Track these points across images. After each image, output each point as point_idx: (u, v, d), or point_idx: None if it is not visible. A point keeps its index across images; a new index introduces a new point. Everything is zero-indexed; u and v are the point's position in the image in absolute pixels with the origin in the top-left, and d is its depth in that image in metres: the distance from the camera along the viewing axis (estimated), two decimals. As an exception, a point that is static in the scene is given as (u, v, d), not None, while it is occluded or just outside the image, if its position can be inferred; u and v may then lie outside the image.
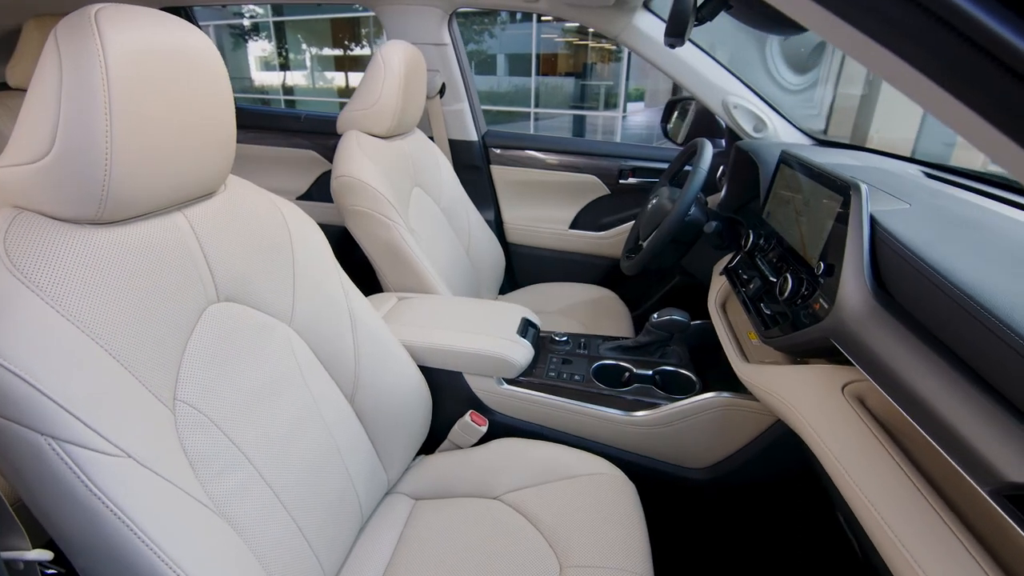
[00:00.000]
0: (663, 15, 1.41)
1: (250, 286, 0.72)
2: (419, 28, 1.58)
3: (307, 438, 0.75)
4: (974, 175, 0.97)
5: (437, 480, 0.96)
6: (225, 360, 0.67)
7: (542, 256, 1.87)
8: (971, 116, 0.27)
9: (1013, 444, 0.42)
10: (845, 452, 0.60)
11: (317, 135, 1.87)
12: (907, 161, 1.12)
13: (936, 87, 0.28)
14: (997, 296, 0.49)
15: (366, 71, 1.26)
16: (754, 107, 1.38)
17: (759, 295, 0.91)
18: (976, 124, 0.27)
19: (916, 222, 0.67)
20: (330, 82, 14.87)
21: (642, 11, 1.39)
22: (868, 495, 0.55)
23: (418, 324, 1.08)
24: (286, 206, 0.82)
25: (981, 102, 0.27)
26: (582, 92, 12.11)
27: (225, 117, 0.66)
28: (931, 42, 0.27)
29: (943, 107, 0.28)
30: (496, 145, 1.80)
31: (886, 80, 0.30)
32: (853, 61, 0.32)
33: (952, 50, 0.27)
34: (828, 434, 0.63)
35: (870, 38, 0.29)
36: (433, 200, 1.48)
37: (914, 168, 1.06)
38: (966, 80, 0.27)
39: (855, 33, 0.29)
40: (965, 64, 0.27)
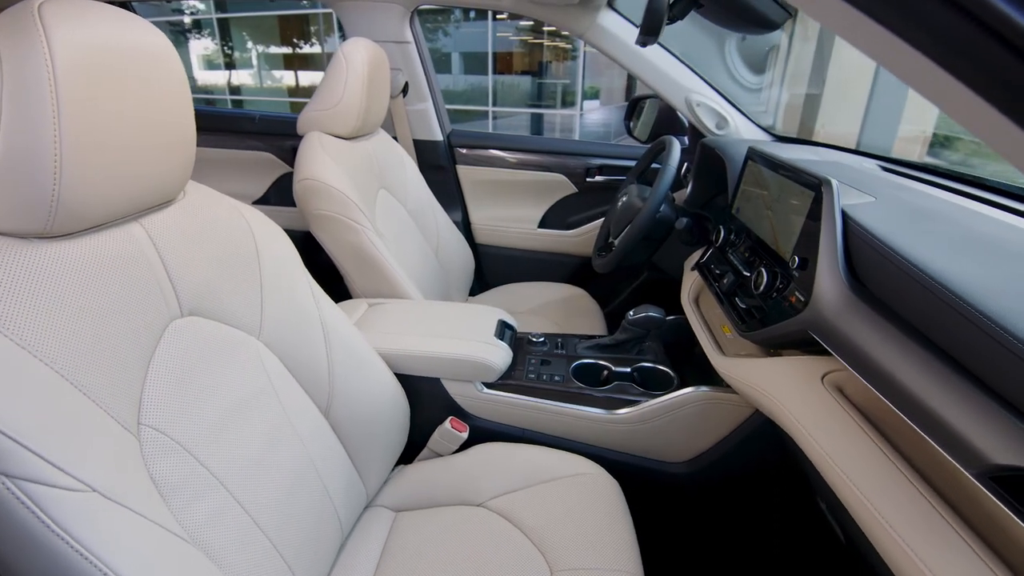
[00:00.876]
0: (627, 14, 1.42)
1: (215, 299, 0.68)
2: (380, 25, 1.54)
3: (282, 456, 0.72)
4: (926, 168, 1.02)
5: (418, 490, 0.93)
6: (192, 379, 0.63)
7: (511, 256, 1.86)
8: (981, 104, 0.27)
9: (995, 427, 0.44)
10: (829, 440, 0.61)
11: (273, 136, 1.79)
12: (863, 155, 1.17)
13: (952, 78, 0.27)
14: (970, 285, 0.51)
15: (327, 70, 1.21)
16: (716, 105, 1.40)
17: (733, 289, 0.92)
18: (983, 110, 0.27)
19: (884, 215, 0.69)
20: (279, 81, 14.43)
21: (606, 10, 1.40)
22: (854, 480, 0.56)
23: (392, 331, 1.05)
24: (250, 212, 0.78)
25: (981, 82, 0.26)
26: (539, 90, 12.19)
27: (184, 119, 0.62)
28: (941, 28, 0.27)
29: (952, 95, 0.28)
30: (462, 145, 1.78)
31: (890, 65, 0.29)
32: (799, 61, 0.32)
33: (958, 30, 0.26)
34: (811, 423, 0.65)
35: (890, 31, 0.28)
36: (399, 202, 1.44)
37: (870, 162, 1.10)
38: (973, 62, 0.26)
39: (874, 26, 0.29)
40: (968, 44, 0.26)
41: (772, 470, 0.95)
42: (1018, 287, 0.51)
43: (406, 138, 1.70)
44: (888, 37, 0.27)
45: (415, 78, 1.63)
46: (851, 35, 0.30)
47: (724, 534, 1.06)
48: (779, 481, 0.96)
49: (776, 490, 0.97)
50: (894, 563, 0.51)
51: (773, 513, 1.00)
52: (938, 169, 0.99)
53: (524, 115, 11.95)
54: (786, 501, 0.97)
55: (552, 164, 1.75)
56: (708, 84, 1.41)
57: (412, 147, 1.72)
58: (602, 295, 1.68)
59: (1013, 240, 0.63)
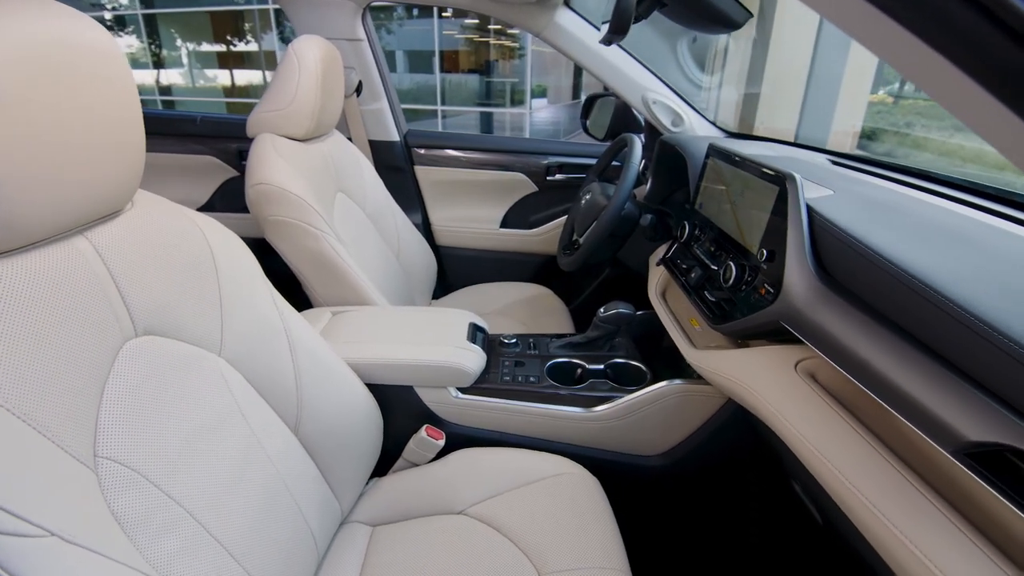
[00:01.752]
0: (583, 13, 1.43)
1: (172, 315, 0.63)
2: (331, 23, 1.48)
3: (252, 479, 0.68)
4: (873, 161, 1.08)
5: (395, 502, 0.90)
6: (151, 403, 0.58)
7: (473, 257, 1.84)
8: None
9: (967, 406, 0.46)
10: (806, 424, 0.64)
11: (216, 139, 1.70)
12: (813, 151, 1.22)
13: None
14: (933, 272, 0.53)
15: (278, 68, 1.15)
16: (672, 103, 1.44)
17: (701, 283, 0.94)
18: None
19: (844, 207, 0.72)
20: (212, 80, 13.76)
21: (563, 8, 1.40)
22: (832, 460, 0.58)
23: (360, 339, 1.01)
24: (204, 220, 0.73)
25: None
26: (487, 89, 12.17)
27: (132, 121, 0.57)
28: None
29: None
30: (419, 145, 1.74)
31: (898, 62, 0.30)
32: (738, 62, 0.32)
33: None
34: (788, 410, 0.67)
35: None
36: (358, 205, 1.40)
37: (821, 157, 1.15)
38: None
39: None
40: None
41: (745, 457, 0.98)
42: (976, 272, 0.54)
43: (361, 139, 1.65)
44: (896, 29, 0.27)
45: (369, 77, 1.58)
46: (855, 27, 0.30)
47: (703, 522, 1.09)
48: (752, 467, 0.99)
49: (750, 476, 1.00)
50: (874, 536, 0.53)
51: (749, 499, 1.04)
52: (885, 163, 1.05)
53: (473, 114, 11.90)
54: (761, 486, 1.01)
55: (512, 163, 1.74)
56: (663, 83, 1.44)
57: (368, 148, 1.67)
58: (566, 293, 1.69)
59: (964, 227, 0.67)
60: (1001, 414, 0.43)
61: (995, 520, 0.47)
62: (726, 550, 1.10)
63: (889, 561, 0.52)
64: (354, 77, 1.55)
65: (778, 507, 0.98)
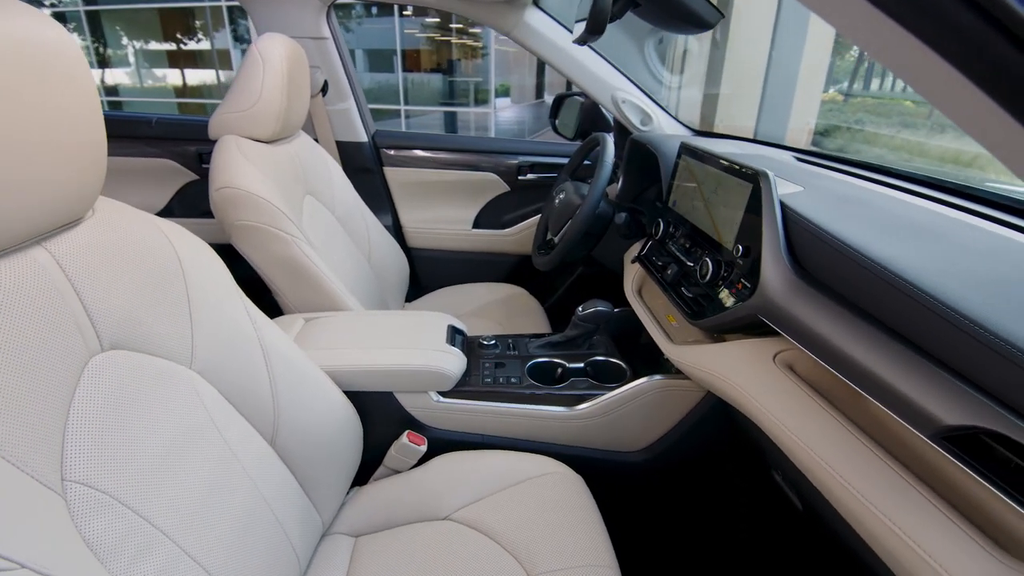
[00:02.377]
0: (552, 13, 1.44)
1: (139, 328, 0.60)
2: (294, 21, 1.44)
3: (230, 495, 0.65)
4: (835, 158, 1.12)
5: (378, 511, 0.89)
6: (120, 421, 0.55)
7: (445, 258, 1.82)
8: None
9: (943, 391, 0.48)
10: (785, 414, 0.65)
11: (174, 141, 1.63)
12: (778, 148, 1.26)
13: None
14: (904, 263, 0.56)
15: (241, 68, 1.11)
16: (640, 102, 1.45)
17: (678, 279, 0.96)
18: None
19: (815, 203, 0.74)
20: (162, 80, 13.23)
21: (532, 8, 1.40)
22: (813, 447, 0.60)
23: (336, 346, 0.99)
24: (169, 227, 0.70)
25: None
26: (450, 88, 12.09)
27: (92, 123, 0.54)
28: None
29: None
30: (388, 146, 1.71)
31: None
32: (698, 63, 0.32)
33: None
34: (768, 400, 0.68)
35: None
36: (327, 208, 1.36)
37: (786, 154, 1.19)
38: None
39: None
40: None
41: (724, 449, 1.00)
42: (944, 264, 0.56)
43: (328, 140, 1.61)
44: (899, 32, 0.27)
45: (335, 76, 1.55)
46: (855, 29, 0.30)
47: (687, 514, 1.10)
48: (732, 459, 1.01)
49: (730, 468, 1.03)
50: (856, 518, 0.54)
51: (730, 489, 1.06)
52: (847, 159, 1.09)
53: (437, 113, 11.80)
54: (741, 477, 1.03)
55: (482, 163, 1.73)
56: (632, 82, 1.46)
57: (335, 149, 1.63)
58: (541, 292, 1.70)
59: (928, 221, 0.70)
60: (975, 398, 0.45)
61: (970, 499, 0.50)
62: (710, 540, 1.12)
63: (870, 541, 0.54)
64: (319, 76, 1.51)
65: (759, 496, 1.00)
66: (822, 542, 0.75)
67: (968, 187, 0.84)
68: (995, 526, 0.47)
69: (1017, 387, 0.43)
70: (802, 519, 0.77)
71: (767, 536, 1.04)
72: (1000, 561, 0.43)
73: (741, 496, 1.06)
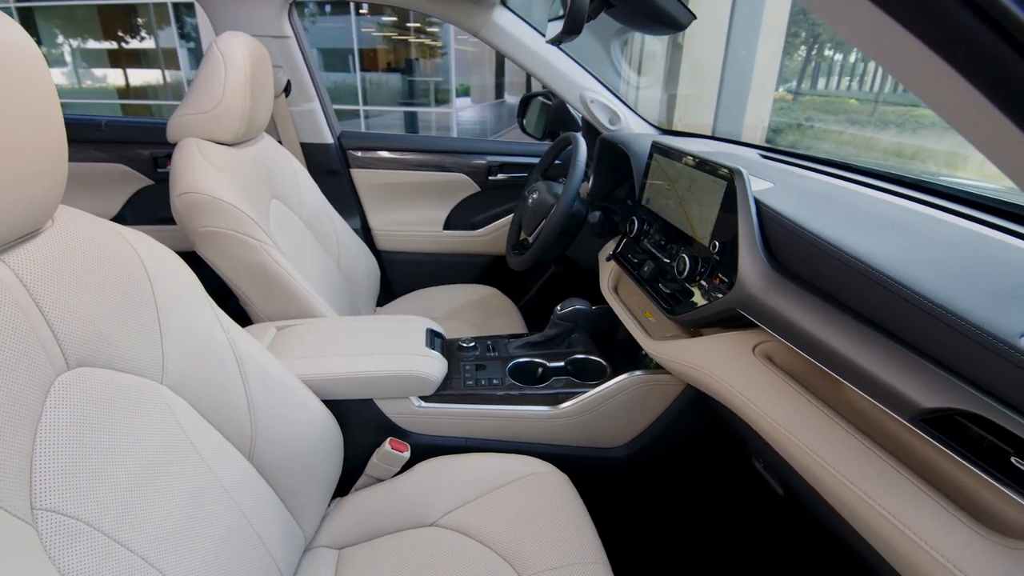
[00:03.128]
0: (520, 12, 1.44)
1: (106, 343, 0.57)
2: (254, 19, 1.39)
3: (209, 514, 0.63)
4: (798, 155, 1.16)
5: (361, 521, 0.87)
6: (91, 443, 0.52)
7: (416, 261, 1.80)
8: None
9: (919, 376, 0.50)
10: (767, 403, 0.67)
11: (125, 145, 1.55)
12: (742, 145, 1.30)
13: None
14: (875, 254, 0.58)
15: (200, 68, 1.07)
16: (608, 102, 1.47)
17: (654, 276, 0.97)
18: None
19: (786, 198, 0.77)
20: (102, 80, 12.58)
21: (500, 7, 1.40)
22: (796, 434, 0.62)
23: (312, 354, 0.96)
24: (134, 236, 0.67)
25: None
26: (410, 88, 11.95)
27: (52, 128, 0.51)
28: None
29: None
30: (355, 147, 1.68)
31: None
32: (655, 64, 0.32)
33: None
34: (750, 390, 0.70)
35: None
36: (293, 212, 1.32)
37: (751, 152, 1.23)
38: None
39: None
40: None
41: (704, 440, 1.03)
42: (913, 254, 0.59)
43: (292, 142, 1.57)
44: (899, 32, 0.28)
45: (298, 76, 1.50)
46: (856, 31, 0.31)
47: (670, 507, 1.12)
48: (712, 449, 1.04)
49: (710, 458, 1.05)
50: (838, 499, 0.56)
51: (711, 480, 1.08)
52: (808, 155, 1.13)
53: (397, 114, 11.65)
54: (721, 467, 1.06)
55: (452, 164, 1.72)
56: (600, 82, 1.47)
57: (300, 151, 1.59)
58: (514, 292, 1.70)
59: (894, 214, 0.74)
60: (950, 381, 0.48)
61: (945, 477, 0.52)
62: (694, 530, 1.14)
63: (853, 521, 0.56)
64: (282, 76, 1.47)
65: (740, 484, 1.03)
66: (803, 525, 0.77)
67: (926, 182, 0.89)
68: (969, 501, 0.50)
69: (988, 369, 0.45)
70: (783, 504, 0.80)
71: (750, 522, 1.07)
72: (978, 533, 0.45)
73: (723, 485, 1.08)
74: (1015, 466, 0.43)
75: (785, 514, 0.86)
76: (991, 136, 0.28)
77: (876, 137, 4.40)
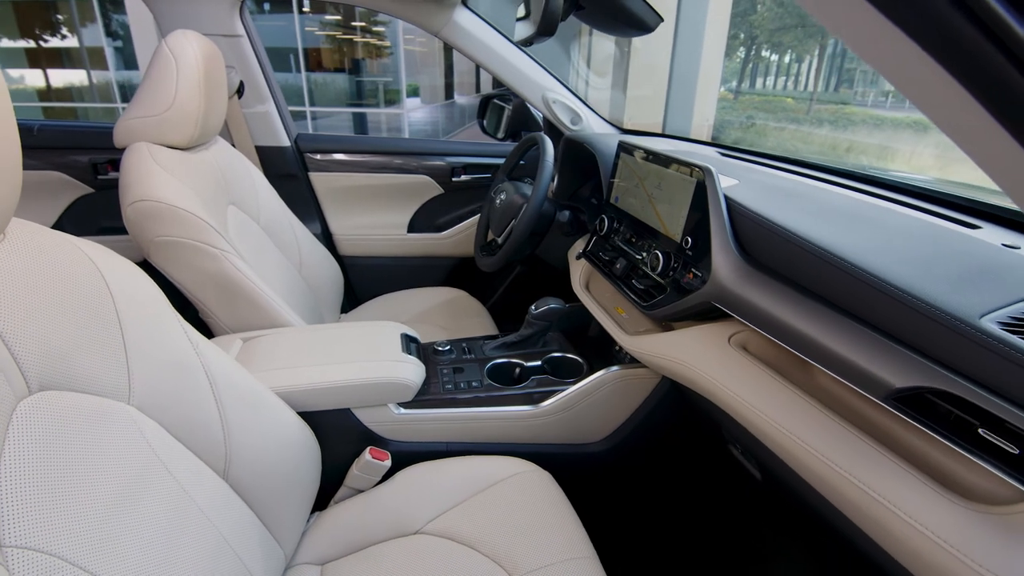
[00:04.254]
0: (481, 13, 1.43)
1: (69, 364, 0.53)
2: (204, 17, 1.32)
3: (188, 538, 0.60)
4: (754, 152, 1.21)
5: (344, 534, 0.84)
6: (59, 472, 0.48)
7: (381, 265, 1.77)
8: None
9: (890, 358, 0.54)
10: (745, 390, 0.70)
11: (62, 151, 1.45)
12: (701, 144, 1.34)
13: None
14: (841, 245, 0.61)
15: (149, 68, 1.01)
16: (570, 102, 1.49)
17: (627, 272, 0.99)
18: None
19: (752, 194, 0.80)
20: (19, 82, 11.68)
21: (461, 8, 1.39)
22: (773, 417, 0.65)
23: (283, 365, 0.93)
24: (92, 248, 0.62)
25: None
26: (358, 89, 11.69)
27: (5, 136, 0.47)
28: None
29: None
30: (312, 150, 1.63)
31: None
32: (602, 66, 0.33)
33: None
34: (727, 379, 0.73)
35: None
36: (251, 218, 1.27)
37: (710, 150, 1.27)
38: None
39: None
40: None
41: (681, 430, 1.06)
42: (876, 244, 0.63)
43: (246, 145, 1.50)
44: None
45: (252, 77, 1.44)
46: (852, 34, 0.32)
47: (651, 497, 1.15)
48: (689, 439, 1.07)
49: (688, 448, 1.08)
50: (816, 475, 0.59)
51: (689, 468, 1.12)
52: (764, 153, 1.18)
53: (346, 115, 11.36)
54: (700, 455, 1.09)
55: (414, 166, 1.70)
56: (561, 83, 1.49)
57: (255, 155, 1.53)
58: (481, 293, 1.69)
59: (854, 207, 0.78)
60: (919, 361, 0.51)
61: (914, 451, 0.56)
62: (677, 518, 1.17)
63: (830, 496, 0.59)
64: (234, 77, 1.40)
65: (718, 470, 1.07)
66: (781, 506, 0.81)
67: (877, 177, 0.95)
68: (937, 471, 0.53)
69: (953, 348, 0.49)
70: (761, 487, 0.83)
71: (729, 506, 1.11)
72: (947, 498, 0.48)
73: (701, 473, 1.12)
74: (983, 437, 0.46)
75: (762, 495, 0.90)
76: (985, 143, 0.30)
77: (814, 133, 4.67)
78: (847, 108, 5.14)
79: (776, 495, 0.79)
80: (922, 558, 0.49)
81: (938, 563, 0.47)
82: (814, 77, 8.60)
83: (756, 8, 8.89)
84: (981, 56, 0.27)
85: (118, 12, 10.24)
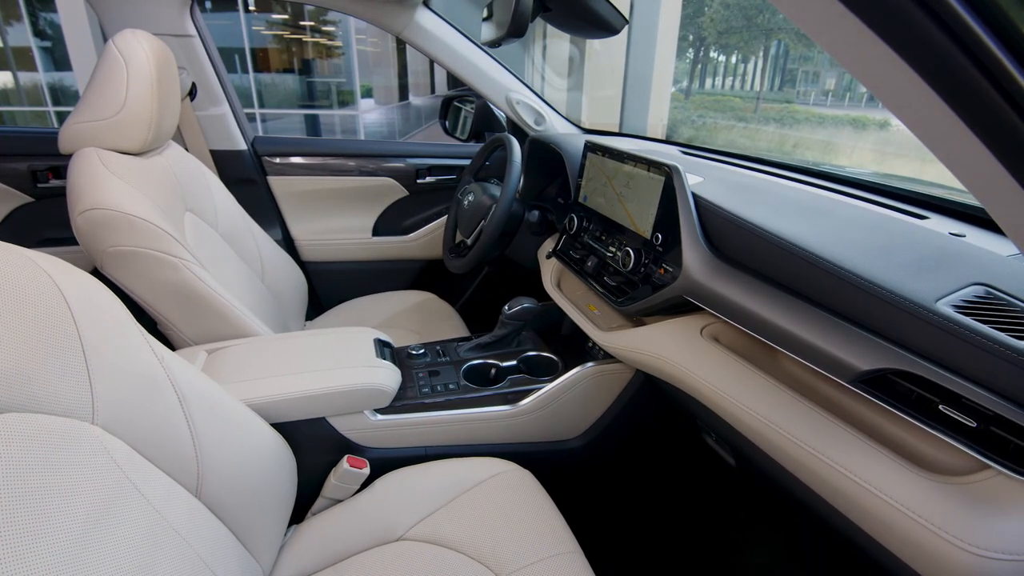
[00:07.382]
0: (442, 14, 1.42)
1: (28, 385, 0.50)
2: (152, 16, 1.26)
3: (163, 561, 0.57)
4: (714, 150, 1.25)
5: (324, 546, 0.82)
6: (25, 499, 0.45)
7: (346, 270, 1.73)
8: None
9: (854, 343, 0.57)
10: (718, 379, 0.72)
11: None
12: (664, 143, 1.38)
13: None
14: (803, 237, 0.65)
15: (96, 69, 0.95)
16: (533, 103, 1.50)
17: (599, 270, 1.01)
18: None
19: (717, 191, 0.83)
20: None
21: (423, 8, 1.38)
22: (746, 403, 0.68)
23: (252, 376, 0.90)
24: (47, 261, 0.59)
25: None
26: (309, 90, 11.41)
27: None
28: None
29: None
30: (270, 153, 1.58)
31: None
32: (557, 67, 0.34)
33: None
34: (701, 369, 0.75)
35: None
36: (209, 225, 1.22)
37: (673, 149, 1.31)
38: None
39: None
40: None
41: (656, 422, 1.08)
42: (835, 235, 0.66)
43: (200, 149, 1.44)
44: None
45: (205, 78, 1.39)
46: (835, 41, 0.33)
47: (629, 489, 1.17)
48: (664, 430, 1.09)
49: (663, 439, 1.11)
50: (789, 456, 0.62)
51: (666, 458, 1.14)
52: (723, 151, 1.22)
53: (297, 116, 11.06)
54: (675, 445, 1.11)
55: (377, 168, 1.67)
56: (524, 84, 1.50)
57: (210, 159, 1.47)
58: (449, 294, 1.68)
59: (811, 201, 0.82)
60: (882, 345, 0.54)
61: (877, 429, 0.60)
62: (655, 508, 1.20)
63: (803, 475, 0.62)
64: (186, 78, 1.35)
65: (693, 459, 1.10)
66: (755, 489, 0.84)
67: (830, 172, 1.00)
68: (901, 448, 0.57)
69: (913, 331, 0.52)
70: (735, 473, 0.86)
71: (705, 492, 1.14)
72: (915, 473, 0.52)
73: (677, 462, 1.15)
74: (943, 413, 0.50)
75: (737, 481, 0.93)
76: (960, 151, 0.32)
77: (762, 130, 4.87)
78: (791, 106, 5.40)
79: (750, 480, 0.82)
80: (890, 527, 0.52)
81: (905, 531, 0.50)
82: (760, 77, 8.97)
83: (704, 10, 9.21)
84: (949, 58, 0.29)
85: (47, 10, 9.63)
